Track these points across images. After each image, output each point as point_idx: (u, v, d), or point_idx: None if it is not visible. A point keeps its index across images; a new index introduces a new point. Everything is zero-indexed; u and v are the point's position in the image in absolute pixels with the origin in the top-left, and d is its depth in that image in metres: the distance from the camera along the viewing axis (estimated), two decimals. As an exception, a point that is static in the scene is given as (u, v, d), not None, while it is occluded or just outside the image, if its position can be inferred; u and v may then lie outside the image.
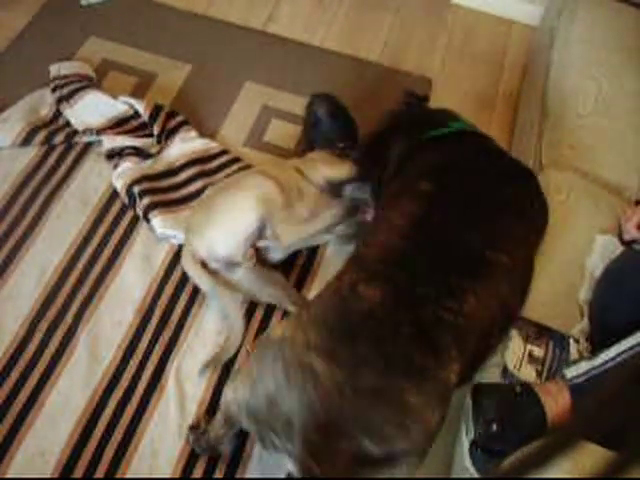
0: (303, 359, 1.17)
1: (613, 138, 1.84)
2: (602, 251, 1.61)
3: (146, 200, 1.98)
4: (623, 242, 1.62)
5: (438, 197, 1.48)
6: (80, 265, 1.91)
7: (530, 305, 1.50)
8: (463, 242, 1.39)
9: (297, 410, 1.16)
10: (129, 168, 2.04)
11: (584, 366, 1.31)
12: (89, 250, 1.94)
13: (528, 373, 1.44)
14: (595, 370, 1.28)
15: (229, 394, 1.39)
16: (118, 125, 2.19)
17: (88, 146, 2.15)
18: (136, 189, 1.99)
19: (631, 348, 1.25)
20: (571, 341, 1.47)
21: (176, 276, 1.91)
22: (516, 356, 1.45)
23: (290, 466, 1.24)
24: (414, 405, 1.14)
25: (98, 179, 2.09)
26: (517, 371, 1.44)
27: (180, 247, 1.93)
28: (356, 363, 1.16)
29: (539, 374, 1.44)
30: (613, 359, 1.26)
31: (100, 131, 2.13)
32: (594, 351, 1.46)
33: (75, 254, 1.93)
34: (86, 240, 1.96)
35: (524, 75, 2.62)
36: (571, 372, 1.31)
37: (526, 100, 2.37)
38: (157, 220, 1.95)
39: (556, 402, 1.29)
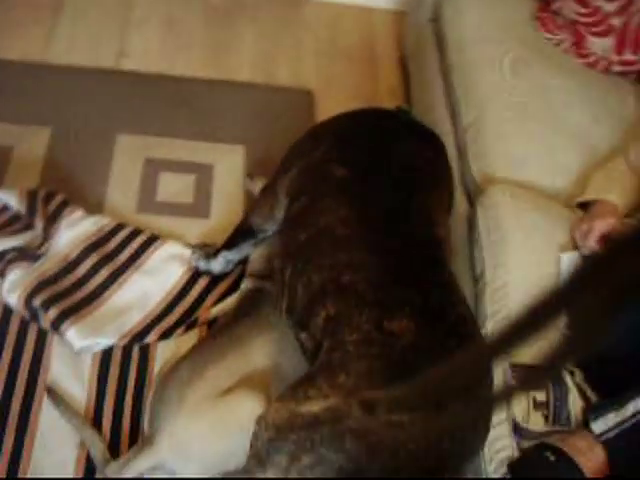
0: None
1: (536, 140, 1.81)
2: (570, 269, 1.58)
3: (52, 312, 1.69)
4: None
5: (358, 184, 1.40)
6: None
7: (515, 346, 1.45)
8: (414, 229, 1.37)
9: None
10: (20, 277, 1.73)
11: (612, 418, 1.26)
12: (1, 376, 1.65)
13: (537, 421, 1.38)
14: (627, 423, 1.25)
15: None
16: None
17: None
18: (37, 301, 1.69)
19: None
20: (566, 376, 1.44)
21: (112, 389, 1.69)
22: (522, 407, 1.39)
23: None
24: None
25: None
26: (527, 423, 1.39)
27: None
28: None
29: (546, 419, 1.39)
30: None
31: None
32: (588, 379, 1.46)
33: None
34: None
35: (403, 67, 2.54)
36: (599, 427, 1.27)
37: (419, 96, 2.30)
38: (73, 333, 1.68)
39: (589, 459, 1.25)
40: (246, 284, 1.79)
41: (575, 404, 1.43)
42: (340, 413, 1.07)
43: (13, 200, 1.87)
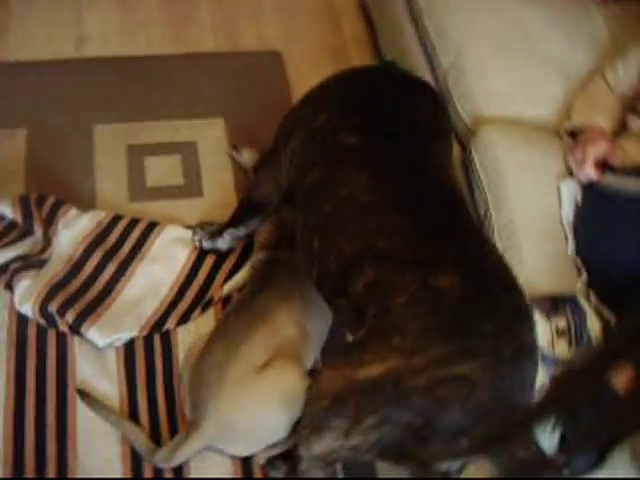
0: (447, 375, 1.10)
1: (517, 74, 1.83)
2: (570, 198, 1.63)
3: (69, 316, 1.68)
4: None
5: (372, 150, 1.41)
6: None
7: (529, 281, 1.47)
8: (435, 185, 1.39)
9: (464, 424, 1.10)
10: (29, 286, 1.72)
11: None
12: (30, 386, 1.65)
13: (561, 348, 1.45)
14: None
15: (334, 441, 1.25)
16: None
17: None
18: (52, 307, 1.68)
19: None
20: (582, 301, 1.50)
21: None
22: (546, 337, 1.46)
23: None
24: None
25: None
26: (553, 352, 1.45)
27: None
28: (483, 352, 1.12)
29: (570, 344, 1.47)
30: None
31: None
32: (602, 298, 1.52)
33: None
34: (20, 378, 1.66)
35: (366, 14, 2.52)
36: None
37: (389, 43, 2.29)
38: (94, 332, 1.68)
39: (620, 377, 1.32)
40: (257, 256, 1.80)
41: (594, 326, 1.50)
42: (402, 373, 1.11)
43: (6, 209, 1.84)
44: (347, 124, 1.44)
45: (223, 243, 1.86)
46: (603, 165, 1.63)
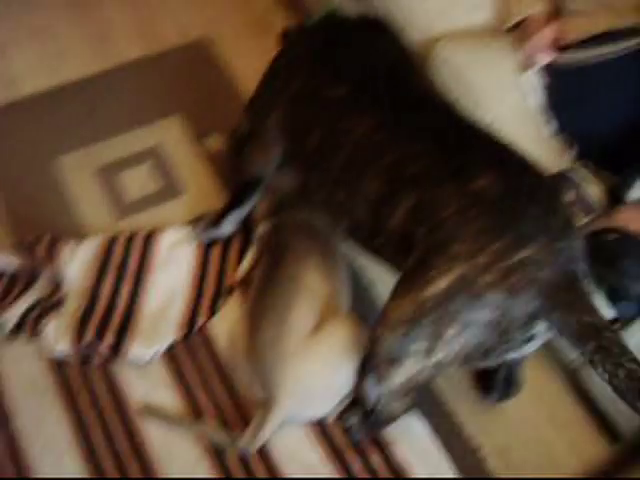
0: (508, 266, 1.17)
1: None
2: (535, 85, 1.72)
3: (108, 338, 1.70)
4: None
5: (363, 94, 1.48)
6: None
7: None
8: (431, 106, 1.49)
9: (535, 303, 1.18)
10: (58, 325, 1.71)
11: (640, 185, 1.44)
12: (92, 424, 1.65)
13: (578, 219, 1.55)
14: None
15: (414, 365, 1.32)
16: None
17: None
18: (88, 337, 1.70)
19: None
20: (576, 172, 1.60)
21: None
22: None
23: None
24: None
25: (32, 364, 1.73)
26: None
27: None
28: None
29: (583, 213, 1.56)
30: None
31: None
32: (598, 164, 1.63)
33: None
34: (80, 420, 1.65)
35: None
36: (636, 194, 1.44)
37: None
38: (137, 347, 1.71)
39: (640, 222, 1.44)
40: (262, 228, 1.84)
41: (595, 191, 1.60)
42: (471, 276, 1.17)
43: (4, 260, 1.82)
44: (328, 79, 1.49)
45: (226, 228, 1.88)
46: (556, 46, 1.74)
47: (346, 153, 1.43)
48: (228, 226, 1.88)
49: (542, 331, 1.25)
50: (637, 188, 1.45)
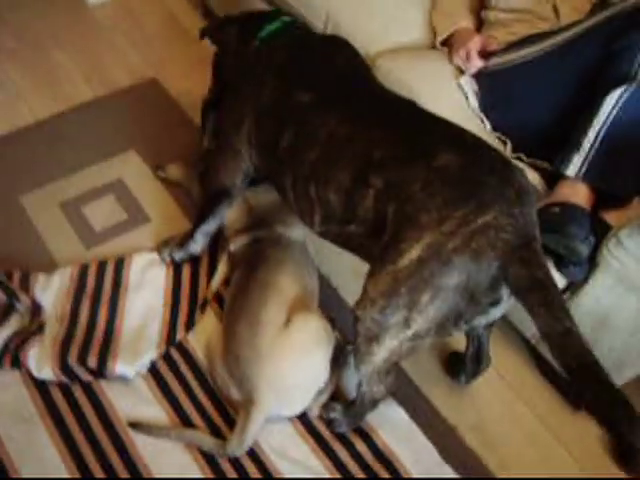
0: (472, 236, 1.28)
1: (381, 14, 2.11)
2: (470, 89, 1.91)
3: (90, 361, 1.73)
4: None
5: (328, 96, 1.60)
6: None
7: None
8: (392, 100, 1.61)
9: (497, 264, 1.28)
10: (39, 351, 1.73)
11: (577, 159, 1.61)
12: (82, 444, 1.66)
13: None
14: (591, 151, 1.59)
15: (394, 338, 1.41)
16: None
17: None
18: (72, 360, 1.72)
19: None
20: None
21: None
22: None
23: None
24: None
25: (16, 391, 1.73)
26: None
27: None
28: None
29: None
30: (596, 137, 1.59)
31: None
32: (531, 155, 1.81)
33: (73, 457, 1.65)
34: (70, 441, 1.66)
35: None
36: (572, 170, 1.61)
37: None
38: (120, 365, 1.74)
39: (581, 196, 1.59)
40: (237, 243, 1.92)
41: (533, 175, 1.77)
42: (439, 242, 1.28)
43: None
44: (293, 88, 1.62)
45: (196, 245, 1.96)
46: (483, 55, 1.93)
47: (315, 150, 1.54)
48: (199, 244, 1.96)
49: (506, 295, 1.37)
50: (573, 164, 1.62)
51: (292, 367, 1.69)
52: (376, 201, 1.43)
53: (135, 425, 1.70)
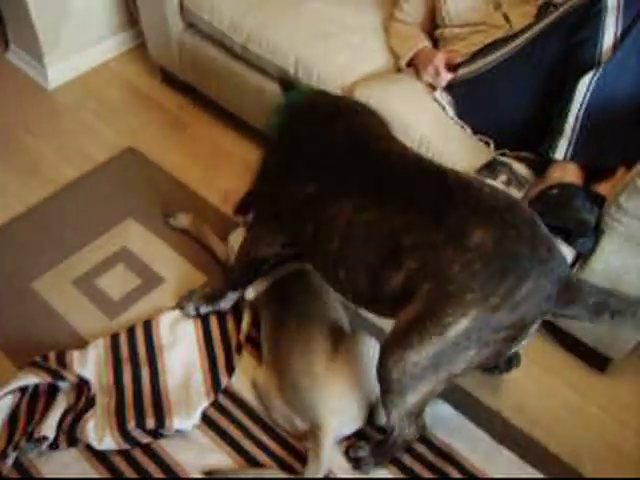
0: None
1: (345, 48, 2.24)
2: (445, 100, 2.07)
3: (149, 422, 1.78)
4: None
5: (342, 182, 1.58)
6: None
7: (459, 164, 1.89)
8: (416, 175, 1.55)
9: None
10: (96, 423, 1.77)
11: (562, 144, 1.78)
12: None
13: (516, 194, 1.84)
14: (574, 135, 1.76)
15: (428, 383, 1.49)
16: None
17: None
18: (131, 425, 1.77)
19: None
20: (501, 158, 1.92)
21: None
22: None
23: None
24: None
25: (79, 466, 1.75)
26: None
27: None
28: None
29: (518, 188, 1.87)
30: (575, 121, 1.76)
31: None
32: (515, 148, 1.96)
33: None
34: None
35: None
36: (559, 153, 1.77)
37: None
38: (179, 422, 1.80)
39: (573, 175, 1.76)
40: (256, 289, 2.02)
41: (520, 167, 1.93)
42: (488, 315, 1.37)
43: (24, 380, 1.84)
44: (295, 178, 1.64)
45: (227, 303, 2.04)
46: (449, 68, 2.10)
47: (339, 239, 1.55)
48: (229, 301, 2.04)
49: None
50: (560, 148, 1.79)
51: (349, 388, 1.79)
52: (407, 279, 1.46)
53: (211, 474, 1.74)
